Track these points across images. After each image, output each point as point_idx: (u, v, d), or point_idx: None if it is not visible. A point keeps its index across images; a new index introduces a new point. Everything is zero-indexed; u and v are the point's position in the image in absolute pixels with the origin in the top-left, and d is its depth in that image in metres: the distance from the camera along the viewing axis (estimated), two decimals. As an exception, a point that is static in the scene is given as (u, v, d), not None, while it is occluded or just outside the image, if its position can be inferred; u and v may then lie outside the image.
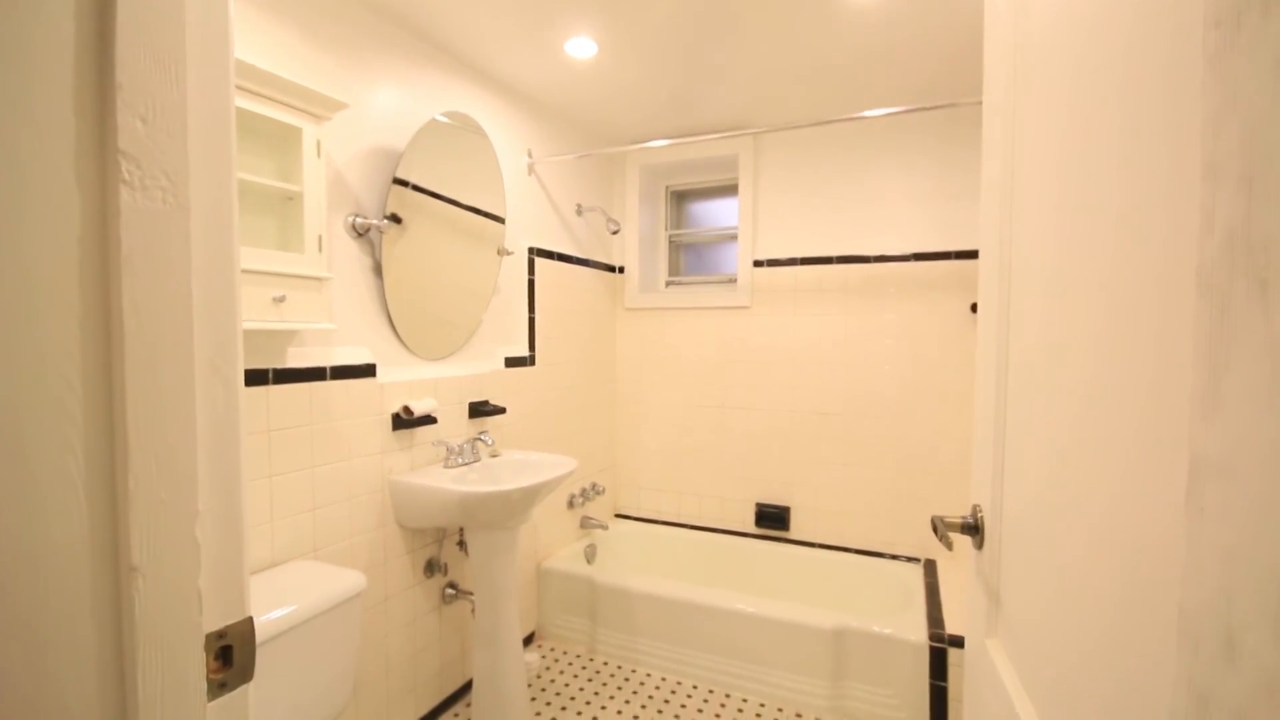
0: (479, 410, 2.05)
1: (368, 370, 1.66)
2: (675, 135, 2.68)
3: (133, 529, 0.43)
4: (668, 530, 2.87)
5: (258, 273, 1.24)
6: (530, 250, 2.34)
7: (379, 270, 1.69)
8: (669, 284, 3.03)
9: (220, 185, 0.50)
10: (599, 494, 2.84)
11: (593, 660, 2.32)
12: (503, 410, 2.11)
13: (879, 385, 2.50)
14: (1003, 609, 0.76)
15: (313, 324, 1.37)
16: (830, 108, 2.38)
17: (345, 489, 1.60)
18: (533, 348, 2.37)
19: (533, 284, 2.35)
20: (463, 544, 1.98)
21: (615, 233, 2.70)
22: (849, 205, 2.53)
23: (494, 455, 2.04)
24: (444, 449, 1.89)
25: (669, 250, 3.05)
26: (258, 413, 1.38)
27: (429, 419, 1.84)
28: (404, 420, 1.76)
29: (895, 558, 2.51)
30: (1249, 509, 0.31)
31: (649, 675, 2.23)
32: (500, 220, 2.13)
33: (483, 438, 1.94)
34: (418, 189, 1.80)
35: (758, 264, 2.68)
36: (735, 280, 2.78)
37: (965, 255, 2.33)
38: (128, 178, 0.44)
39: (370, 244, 1.68)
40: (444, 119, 1.88)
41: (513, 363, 2.26)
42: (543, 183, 2.43)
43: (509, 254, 2.15)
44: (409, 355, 1.83)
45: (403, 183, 1.74)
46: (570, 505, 2.66)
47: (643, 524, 2.93)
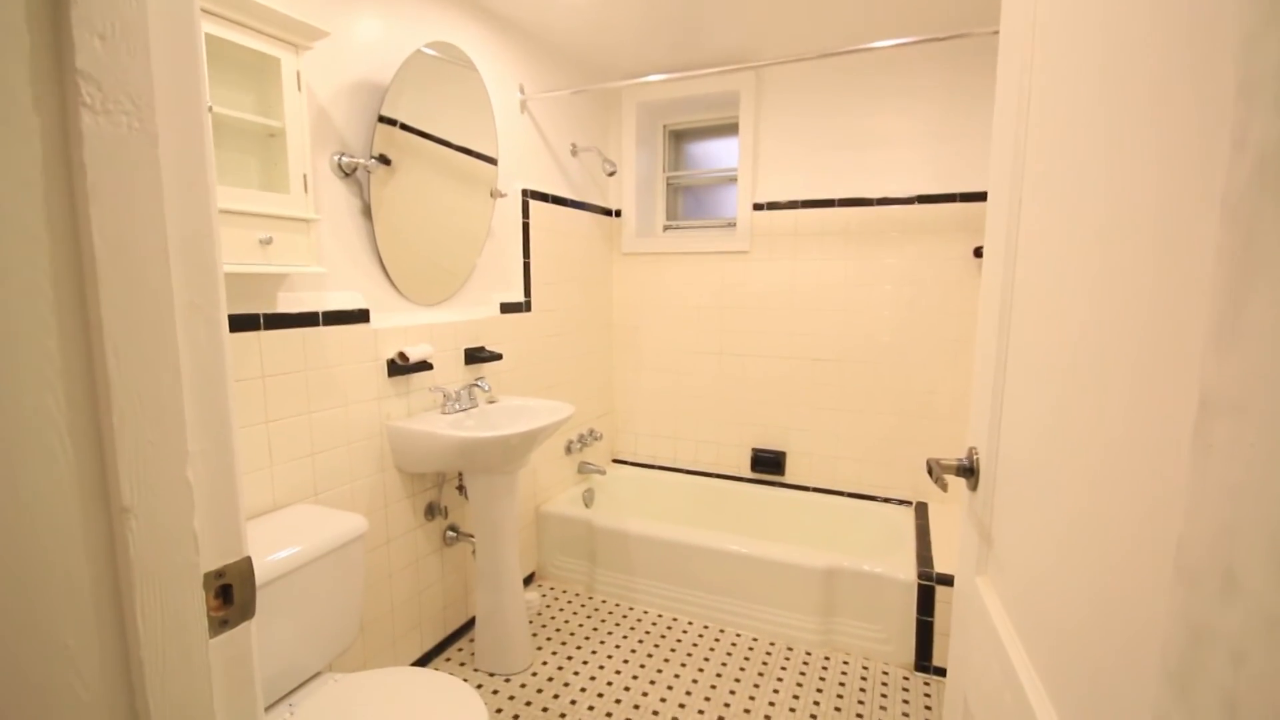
0: (475, 356, 2.04)
1: (361, 315, 1.64)
2: (674, 70, 2.57)
3: (121, 470, 0.43)
4: (665, 475, 2.92)
5: (242, 213, 1.21)
6: (524, 193, 2.28)
7: (368, 212, 1.65)
8: (666, 228, 2.97)
9: (189, 111, 0.47)
10: (596, 440, 2.87)
11: (591, 599, 2.40)
12: (499, 356, 2.10)
13: (877, 331, 2.49)
14: (993, 548, 0.77)
15: (301, 267, 1.34)
16: (836, 39, 2.28)
17: (343, 434, 1.61)
18: (528, 293, 2.34)
19: (527, 228, 2.30)
20: (462, 488, 2.01)
21: (611, 174, 2.63)
22: (852, 145, 2.45)
23: (491, 401, 2.04)
24: (440, 395, 1.90)
25: (666, 193, 2.97)
26: (251, 358, 1.36)
27: (425, 365, 1.83)
28: (399, 366, 1.75)
29: (888, 501, 2.56)
30: (1260, 445, 0.30)
31: (646, 612, 2.30)
32: (492, 161, 2.06)
33: (479, 384, 1.94)
34: (406, 128, 1.73)
35: (757, 207, 2.62)
36: (734, 224, 2.73)
37: (970, 197, 2.28)
38: (88, 100, 0.42)
39: (358, 185, 1.63)
40: (430, 51, 1.79)
41: (508, 308, 2.23)
42: (536, 121, 2.35)
43: (502, 196, 2.10)
44: (403, 300, 1.80)
45: (390, 121, 1.68)
46: (568, 451, 2.69)
47: (640, 469, 2.98)
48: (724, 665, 2.00)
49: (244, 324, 1.34)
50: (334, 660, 1.42)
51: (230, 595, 0.51)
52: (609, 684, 1.90)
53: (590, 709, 1.79)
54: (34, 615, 0.39)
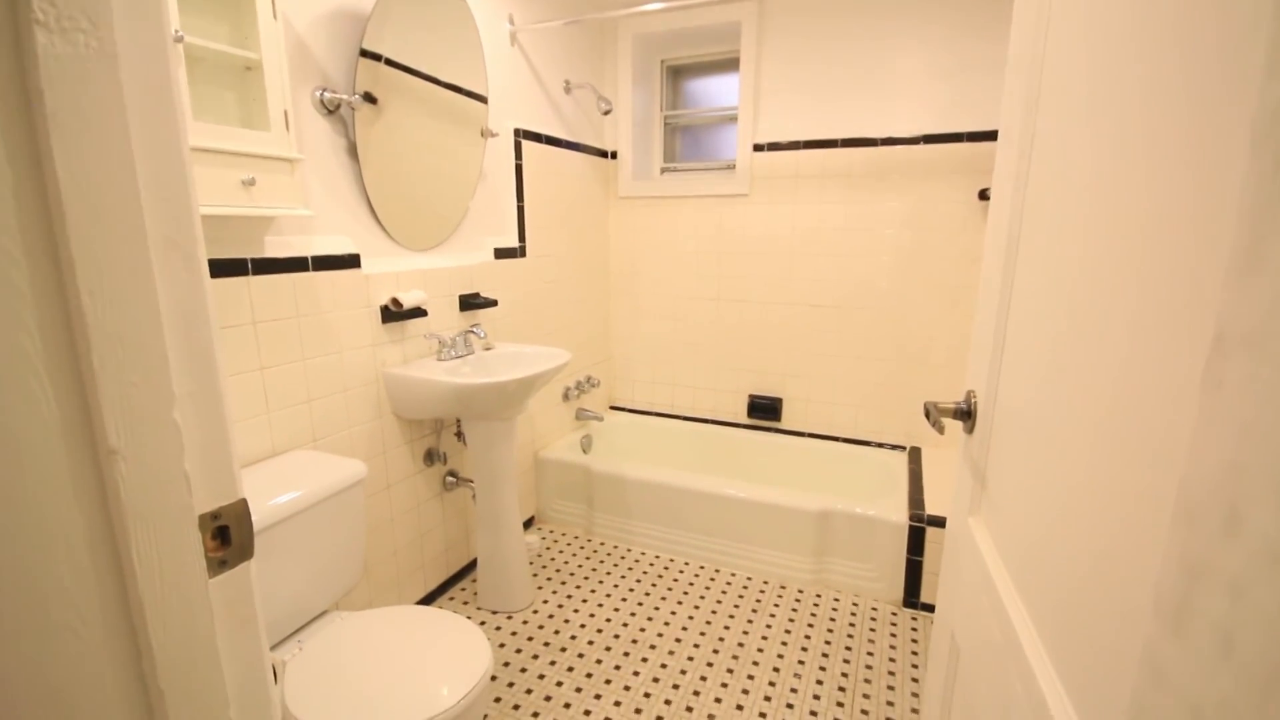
0: (470, 303, 2.01)
1: (352, 261, 1.60)
2: None
3: (105, 412, 0.42)
4: (662, 421, 2.94)
5: (222, 152, 1.16)
6: (516, 132, 2.20)
7: (354, 152, 1.59)
8: (664, 171, 2.89)
9: (151, 31, 0.44)
10: (594, 387, 2.87)
11: (590, 541, 2.46)
12: (494, 303, 2.08)
13: (876, 277, 2.47)
14: (987, 488, 0.78)
15: (288, 209, 1.30)
16: (843, -32, 2.16)
17: (339, 381, 1.60)
18: (523, 238, 2.29)
19: (520, 169, 2.24)
20: (460, 435, 2.02)
21: (607, 113, 2.53)
22: (857, 81, 2.36)
23: (487, 348, 2.03)
24: (436, 342, 1.88)
25: (664, 133, 2.88)
26: (241, 304, 1.34)
27: (419, 311, 1.81)
28: (393, 313, 1.73)
29: (882, 446, 2.59)
30: (1274, 379, 0.29)
31: (643, 554, 2.37)
32: (483, 99, 1.98)
33: (475, 331, 1.92)
34: (391, 64, 1.65)
35: (758, 148, 2.54)
36: (734, 166, 2.65)
37: (978, 137, 2.21)
38: (41, 17, 0.38)
39: (343, 123, 1.56)
40: (414, -22, 1.69)
41: (502, 254, 2.19)
42: (527, 55, 2.24)
43: (493, 136, 2.03)
44: (394, 245, 1.76)
45: (374, 56, 1.60)
46: (565, 398, 2.70)
47: (637, 416, 3.00)
48: (719, 603, 2.07)
49: (232, 269, 1.31)
50: (340, 600, 1.46)
51: (228, 536, 0.51)
52: (608, 620, 1.97)
53: (590, 644, 1.86)
54: (26, 555, 0.39)
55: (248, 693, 0.54)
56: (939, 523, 1.96)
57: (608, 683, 1.70)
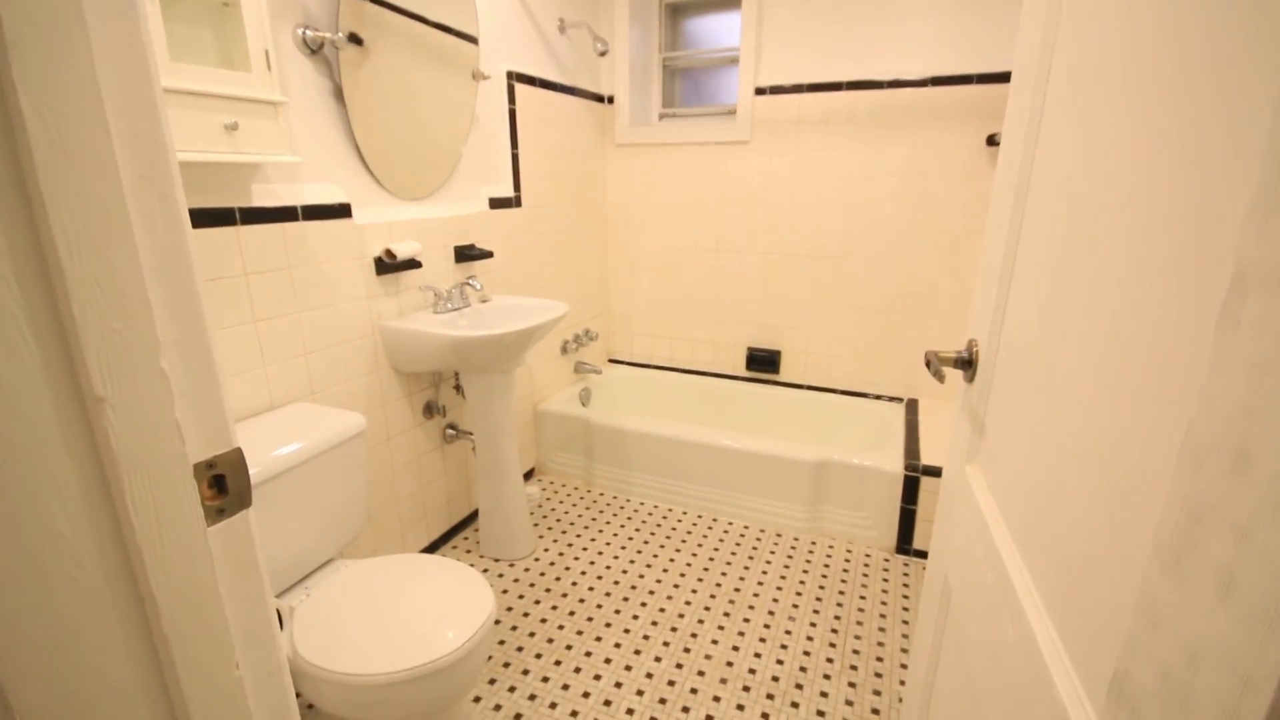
0: (465, 254, 1.98)
1: (342, 210, 1.56)
2: (670, -68, 2.32)
3: (90, 360, 0.41)
4: (660, 374, 2.95)
5: (202, 94, 1.11)
6: (509, 75, 2.12)
7: (340, 95, 1.53)
8: (663, 116, 2.80)
9: (111, -48, 0.41)
10: (592, 340, 2.86)
11: (589, 492, 2.50)
12: (490, 254, 2.04)
13: (878, 227, 2.42)
14: (985, 437, 0.78)
15: (273, 156, 1.26)
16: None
17: (335, 334, 1.59)
18: (518, 187, 2.24)
19: (514, 115, 2.16)
20: (459, 388, 2.02)
21: (603, 54, 2.43)
22: (865, 19, 2.26)
23: (484, 300, 2.01)
24: (432, 294, 1.86)
25: (663, 77, 2.78)
26: (231, 255, 1.31)
27: (413, 263, 1.78)
28: (387, 264, 1.70)
29: (879, 398, 2.60)
30: (1295, 320, 0.28)
31: (642, 504, 2.41)
32: (473, 40, 1.90)
33: (471, 283, 1.89)
34: (376, 1, 1.57)
35: (760, 91, 2.46)
36: (734, 111, 2.57)
37: (989, 79, 2.13)
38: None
39: (327, 64, 1.50)
40: (397, -95, 1.59)
41: (497, 204, 2.14)
42: (519, -7, 2.14)
43: (485, 78, 1.95)
44: (386, 195, 1.72)
45: (357, -11, 1.52)
46: (564, 351, 2.70)
47: (636, 369, 3.00)
48: (716, 550, 2.11)
49: (219, 218, 1.28)
50: (344, 548, 1.49)
51: (224, 485, 0.51)
52: (607, 567, 2.01)
53: (590, 589, 1.91)
54: (18, 500, 0.39)
55: (253, 636, 0.55)
56: (934, 473, 1.99)
57: (608, 626, 1.75)
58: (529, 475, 2.57)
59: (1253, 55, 0.34)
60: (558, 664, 1.62)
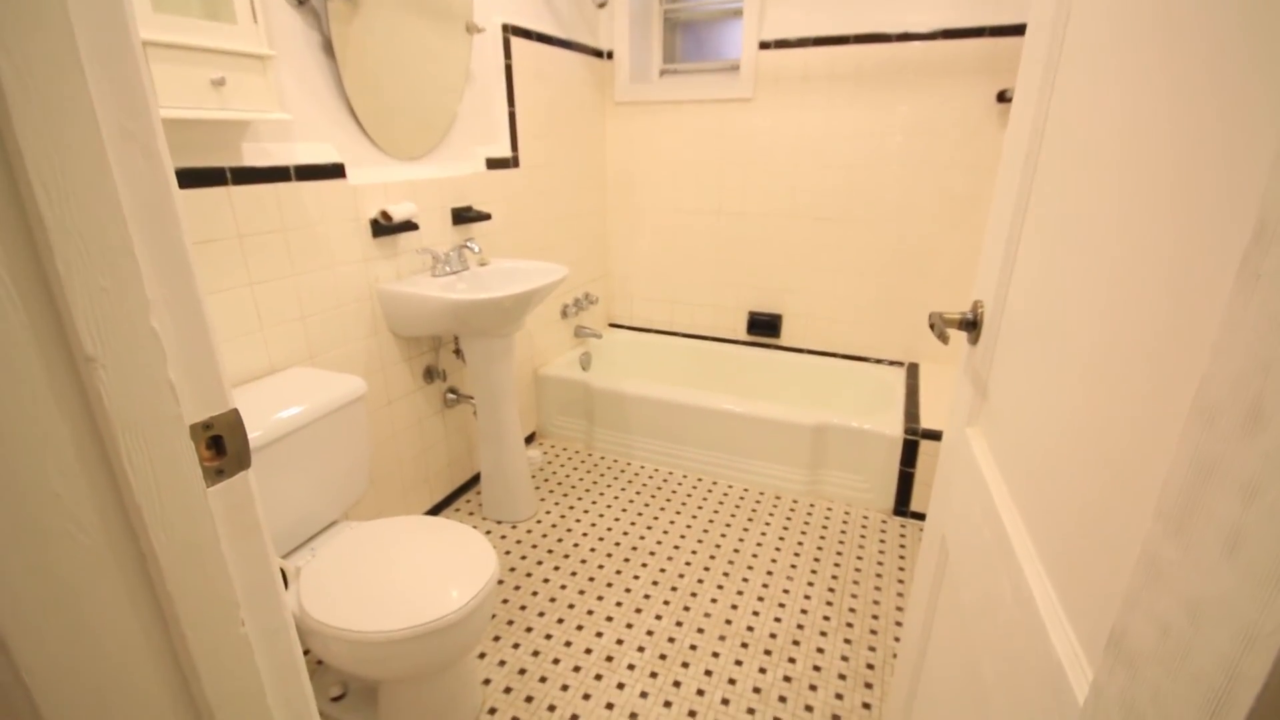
0: (462, 216, 1.95)
1: (336, 170, 1.53)
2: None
3: (78, 319, 0.40)
4: (661, 339, 2.94)
5: (186, 47, 1.07)
6: (505, 29, 2.05)
7: (330, 49, 1.48)
8: (663, 73, 2.73)
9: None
10: (592, 304, 2.85)
11: (590, 455, 2.52)
12: (487, 216, 2.01)
13: (883, 187, 2.38)
14: (988, 399, 0.78)
15: (264, 114, 1.23)
16: None
17: (332, 298, 1.58)
18: (515, 147, 2.19)
19: (510, 70, 2.10)
20: (459, 352, 2.02)
21: (602, 5, 2.35)
22: (873, -29, 2.17)
23: (482, 264, 1.99)
24: (430, 257, 1.84)
25: (664, 31, 2.69)
26: (223, 216, 1.29)
27: (410, 225, 1.75)
28: (384, 227, 1.67)
29: (880, 362, 2.60)
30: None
31: (643, 467, 2.43)
32: (467, -10, 1.83)
33: (469, 245, 1.87)
34: (364, -55, 1.51)
35: (764, 46, 2.38)
36: (738, 67, 2.50)
37: (1001, 31, 2.06)
38: None
39: (316, 16, 1.44)
40: None
41: (494, 164, 2.10)
42: (514, -59, 2.05)
43: (480, 31, 1.89)
44: (380, 154, 1.68)
45: (344, -65, 1.45)
46: (564, 315, 2.68)
47: (636, 333, 2.99)
48: (715, 513, 2.14)
49: (210, 178, 1.25)
50: (348, 511, 1.50)
51: (222, 446, 0.51)
52: (608, 530, 2.04)
53: (592, 550, 1.94)
54: (14, 465, 0.38)
55: (258, 595, 0.55)
56: (933, 436, 2.00)
57: (609, 586, 1.79)
58: (530, 439, 2.59)
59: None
60: (560, 622, 1.65)
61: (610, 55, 2.62)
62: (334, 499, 1.42)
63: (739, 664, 1.53)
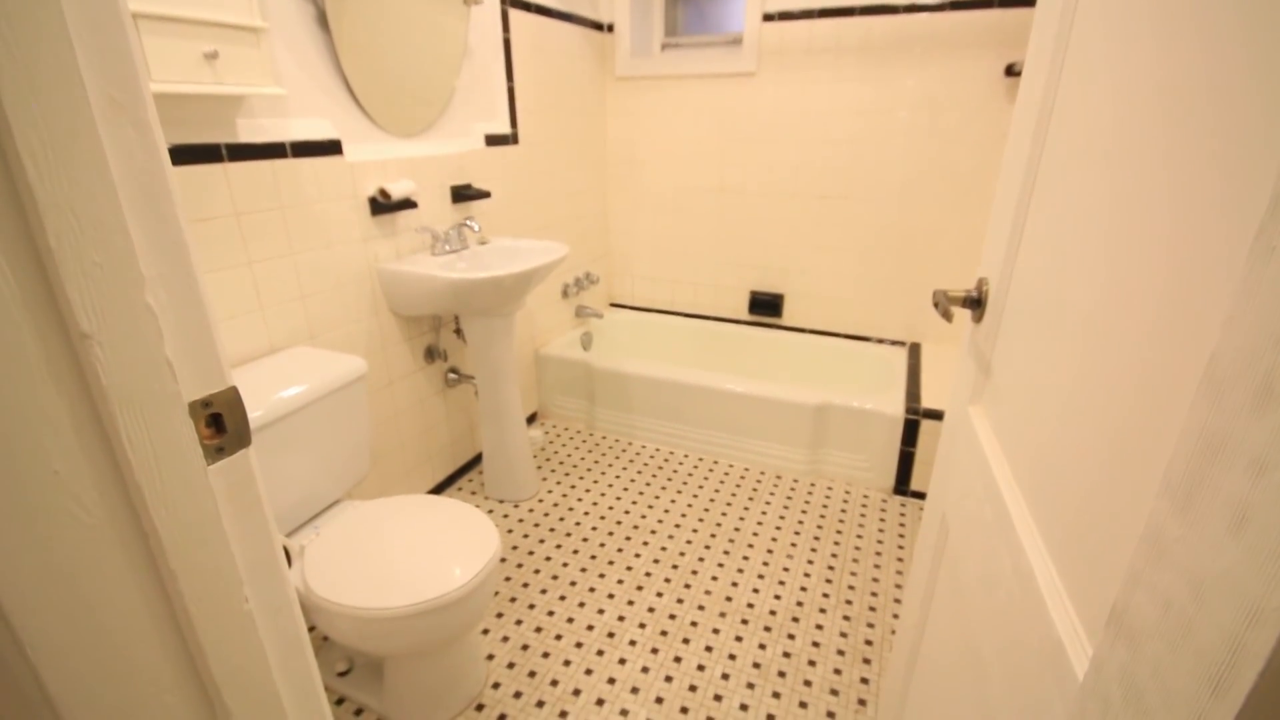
0: (462, 194, 1.93)
1: (333, 147, 1.51)
2: None
3: (72, 295, 0.39)
4: (662, 318, 2.93)
5: (177, 19, 1.05)
6: (503, 0, 2.01)
7: (324, 21, 1.45)
8: (665, 46, 2.68)
9: None
10: (593, 283, 2.83)
11: (592, 435, 2.52)
12: (487, 194, 1.99)
13: (888, 165, 2.35)
14: (991, 377, 0.77)
15: (258, 88, 1.21)
16: None
17: (331, 277, 1.57)
18: (514, 124, 2.16)
19: (508, 44, 2.06)
20: (459, 331, 2.01)
21: (602, -20, 2.30)
22: (880, -60, 2.12)
23: (482, 242, 1.97)
24: (429, 236, 1.82)
25: (665, 2, 2.63)
26: (220, 194, 1.28)
27: (409, 203, 1.74)
28: (382, 205, 1.66)
29: (882, 342, 2.59)
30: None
31: (644, 447, 2.43)
32: (464, -40, 1.79)
33: (469, 224, 1.85)
34: (358, -86, 1.47)
35: (768, 17, 2.33)
36: (740, 41, 2.45)
37: (1011, 2, 2.01)
38: None
39: (310, -12, 1.41)
40: None
41: (494, 141, 2.07)
42: (512, -91, 2.00)
43: (478, 3, 1.85)
44: (377, 130, 1.66)
45: (337, -97, 1.41)
46: (565, 295, 2.67)
47: (638, 313, 2.98)
48: (716, 492, 2.15)
49: (205, 155, 1.24)
50: (351, 490, 1.51)
51: (222, 424, 0.51)
52: (610, 508, 2.05)
53: (593, 529, 1.95)
54: (12, 442, 0.38)
55: (260, 572, 0.55)
56: (934, 415, 2.00)
57: (610, 564, 1.80)
58: (531, 419, 2.59)
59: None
60: (562, 599, 1.67)
61: (611, 28, 2.57)
62: (336, 478, 1.43)
63: (739, 640, 1.54)
